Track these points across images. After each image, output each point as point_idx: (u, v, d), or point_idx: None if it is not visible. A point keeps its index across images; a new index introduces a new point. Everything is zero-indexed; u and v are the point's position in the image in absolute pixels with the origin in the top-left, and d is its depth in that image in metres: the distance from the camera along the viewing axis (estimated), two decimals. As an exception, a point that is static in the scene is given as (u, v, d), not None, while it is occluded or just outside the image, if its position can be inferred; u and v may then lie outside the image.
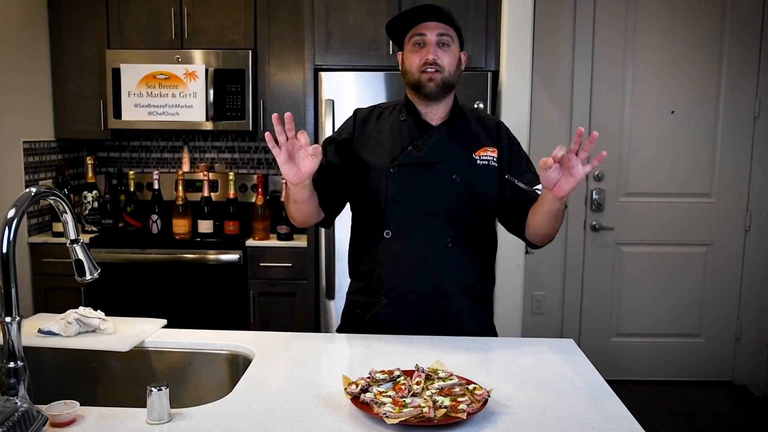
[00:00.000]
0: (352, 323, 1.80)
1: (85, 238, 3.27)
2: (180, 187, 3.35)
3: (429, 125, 1.73)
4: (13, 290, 1.14)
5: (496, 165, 1.74)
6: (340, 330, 1.83)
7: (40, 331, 1.61)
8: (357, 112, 1.83)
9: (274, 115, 1.46)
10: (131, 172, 3.48)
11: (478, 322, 1.77)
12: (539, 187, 1.65)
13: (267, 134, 1.45)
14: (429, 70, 1.66)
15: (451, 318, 1.71)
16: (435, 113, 1.74)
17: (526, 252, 3.11)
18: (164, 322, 1.74)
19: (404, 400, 1.19)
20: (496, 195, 1.75)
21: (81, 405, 1.19)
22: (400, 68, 1.76)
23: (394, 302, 1.71)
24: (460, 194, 1.70)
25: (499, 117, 2.99)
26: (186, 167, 3.71)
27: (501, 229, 1.84)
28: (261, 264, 3.26)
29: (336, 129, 1.85)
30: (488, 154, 1.73)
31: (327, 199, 1.76)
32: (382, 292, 1.71)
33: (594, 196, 3.75)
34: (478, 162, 1.72)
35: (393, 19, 1.72)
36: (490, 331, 1.82)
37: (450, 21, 1.69)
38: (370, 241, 1.75)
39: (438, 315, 1.70)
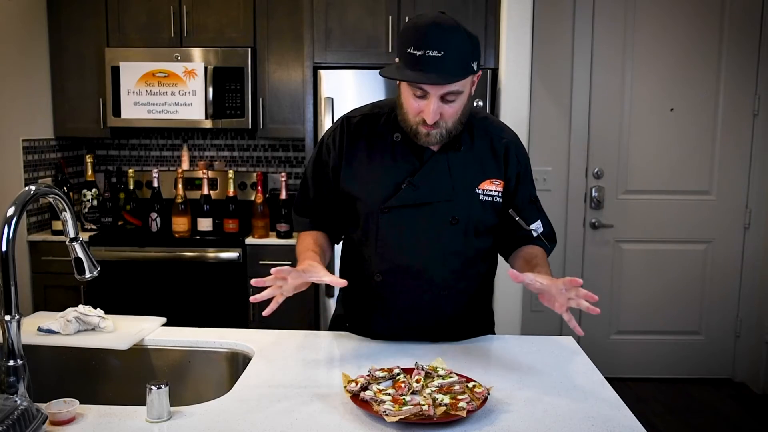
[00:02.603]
0: None
1: (85, 236, 3.27)
2: (179, 185, 3.35)
3: (428, 150, 1.53)
4: (13, 288, 1.14)
5: (501, 201, 1.58)
6: None
7: (39, 329, 1.61)
8: (345, 122, 1.61)
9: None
10: (131, 170, 3.47)
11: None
12: (536, 225, 1.60)
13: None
14: (429, 124, 1.43)
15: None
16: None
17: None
18: (164, 320, 1.74)
19: (404, 398, 1.19)
20: (496, 229, 1.62)
21: (80, 403, 1.19)
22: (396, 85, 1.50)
23: (389, 335, 1.62)
24: (459, 237, 1.55)
25: (498, 115, 2.98)
26: (185, 165, 3.71)
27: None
28: (261, 262, 3.25)
29: (324, 135, 1.64)
30: (493, 189, 1.56)
31: (328, 224, 1.67)
32: (375, 329, 1.63)
33: (593, 193, 3.74)
34: (481, 197, 1.55)
35: (392, 77, 1.44)
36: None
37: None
38: (359, 278, 1.61)
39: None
